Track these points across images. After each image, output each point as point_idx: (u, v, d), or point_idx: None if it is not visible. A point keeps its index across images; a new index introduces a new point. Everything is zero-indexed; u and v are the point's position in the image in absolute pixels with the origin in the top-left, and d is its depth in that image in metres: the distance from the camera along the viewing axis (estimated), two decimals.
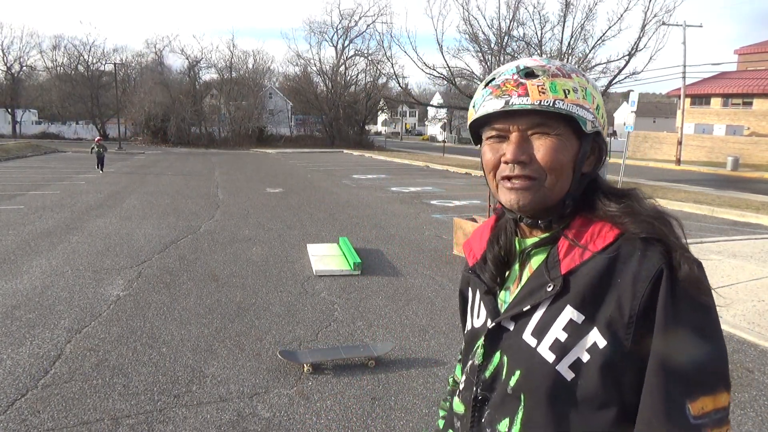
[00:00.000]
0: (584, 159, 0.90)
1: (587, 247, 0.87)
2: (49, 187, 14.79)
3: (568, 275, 0.87)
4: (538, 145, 0.87)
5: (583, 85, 0.89)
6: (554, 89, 0.86)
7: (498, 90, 0.88)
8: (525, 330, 0.89)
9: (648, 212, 0.88)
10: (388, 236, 8.85)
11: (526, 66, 0.89)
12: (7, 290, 5.66)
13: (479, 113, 0.91)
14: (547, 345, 0.86)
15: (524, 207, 0.89)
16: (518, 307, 0.91)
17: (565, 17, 19.43)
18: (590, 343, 0.83)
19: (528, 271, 0.94)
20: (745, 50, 42.04)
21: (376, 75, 46.92)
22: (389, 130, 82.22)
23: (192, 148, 40.29)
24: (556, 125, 0.87)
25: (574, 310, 0.85)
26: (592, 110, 0.88)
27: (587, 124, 0.88)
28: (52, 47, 52.63)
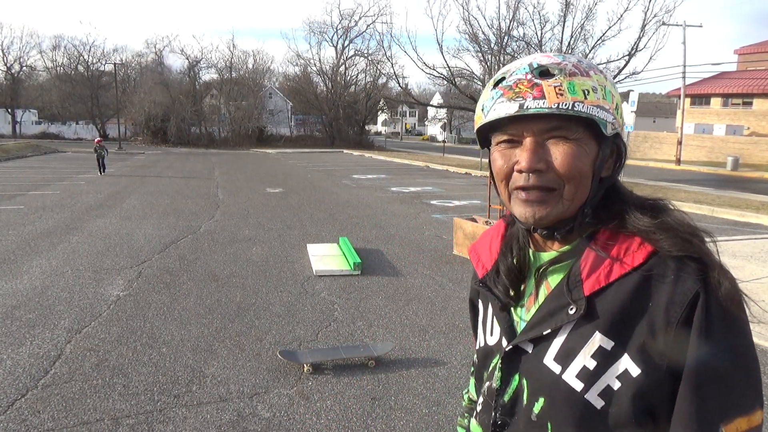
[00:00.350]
0: (603, 163, 0.83)
1: (614, 265, 0.79)
2: (49, 187, 14.79)
3: (593, 297, 0.80)
4: (555, 151, 0.80)
5: (602, 84, 0.81)
6: (573, 90, 0.78)
7: (510, 91, 0.80)
8: (546, 354, 0.83)
9: (683, 227, 0.81)
10: (388, 236, 8.85)
11: (540, 64, 0.81)
12: (7, 290, 5.66)
13: (490, 117, 0.82)
14: (573, 373, 0.80)
15: (540, 221, 0.83)
16: (537, 330, 0.84)
17: (565, 17, 19.44)
18: (621, 370, 0.77)
19: (545, 288, 0.87)
20: (745, 50, 42.06)
21: (376, 75, 46.95)
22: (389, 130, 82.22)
23: (192, 148, 40.30)
24: (575, 129, 0.80)
25: (603, 336, 0.78)
26: (612, 111, 0.81)
27: (607, 126, 0.81)
28: (52, 47, 52.73)
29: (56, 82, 51.72)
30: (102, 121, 51.31)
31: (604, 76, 0.83)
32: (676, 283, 0.76)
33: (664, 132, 39.62)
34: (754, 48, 41.45)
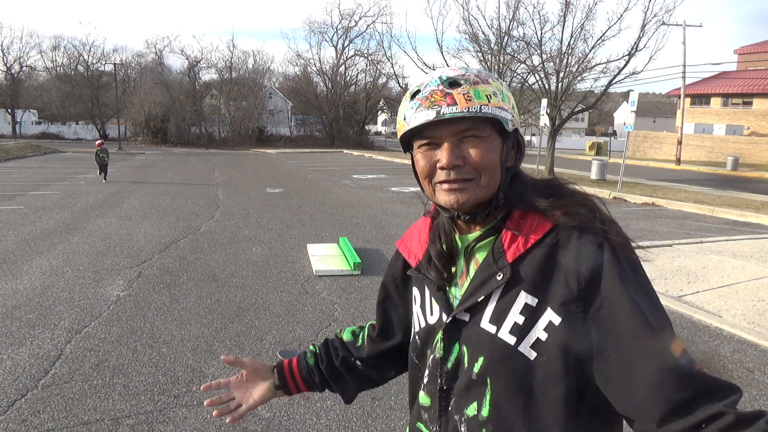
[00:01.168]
0: (508, 155, 0.97)
1: (529, 236, 0.93)
2: (49, 187, 14.79)
3: (515, 263, 0.93)
4: (469, 148, 0.93)
5: (500, 89, 0.95)
6: (478, 96, 0.92)
7: (427, 101, 0.92)
8: (482, 319, 0.95)
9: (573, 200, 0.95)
10: (388, 236, 8.85)
11: (448, 76, 0.94)
12: (7, 290, 5.66)
13: (412, 125, 0.94)
14: (507, 330, 0.92)
15: (463, 206, 0.95)
16: (472, 299, 0.96)
17: (565, 17, 19.42)
18: (546, 322, 0.89)
19: (474, 264, 0.99)
20: (745, 50, 42.04)
21: (376, 75, 46.98)
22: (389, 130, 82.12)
23: (192, 149, 40.29)
24: (483, 128, 0.93)
25: (528, 294, 0.91)
26: (509, 110, 0.95)
27: (508, 123, 0.95)
28: (52, 47, 52.58)
29: (56, 82, 51.64)
30: (102, 122, 51.25)
31: (500, 82, 0.98)
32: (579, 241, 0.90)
33: (664, 132, 39.62)
34: (754, 48, 41.43)
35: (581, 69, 19.67)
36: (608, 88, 20.03)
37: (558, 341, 0.88)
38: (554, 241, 0.92)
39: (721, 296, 5.71)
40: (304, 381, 1.28)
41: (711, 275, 6.49)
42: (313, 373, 1.28)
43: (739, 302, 5.52)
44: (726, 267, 6.86)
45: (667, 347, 0.83)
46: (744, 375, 4.00)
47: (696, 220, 11.23)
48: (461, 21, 21.86)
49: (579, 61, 19.82)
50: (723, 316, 5.14)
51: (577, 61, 19.86)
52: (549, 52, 20.80)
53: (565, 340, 0.88)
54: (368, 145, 46.37)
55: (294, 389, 1.27)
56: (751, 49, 41.51)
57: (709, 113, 38.64)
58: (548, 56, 20.42)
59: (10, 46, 61.14)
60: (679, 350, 0.83)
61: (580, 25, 19.34)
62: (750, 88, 36.11)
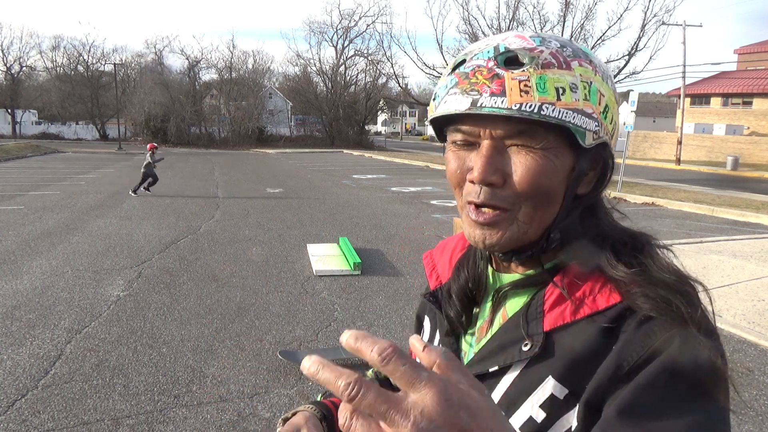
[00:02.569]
0: (580, 179, 0.68)
1: (583, 304, 0.66)
2: (49, 187, 14.79)
3: (553, 334, 0.66)
4: (516, 161, 0.65)
5: (587, 78, 0.65)
6: (542, 88, 0.63)
7: (466, 81, 0.65)
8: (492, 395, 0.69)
9: (664, 279, 0.64)
10: (388, 236, 8.85)
11: (508, 47, 0.65)
12: (8, 290, 5.66)
13: (439, 111, 0.68)
14: (518, 422, 0.66)
15: (492, 248, 0.69)
16: (483, 365, 0.71)
17: (564, 17, 19.44)
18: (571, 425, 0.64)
19: (501, 316, 0.73)
20: (745, 50, 42.05)
21: (376, 75, 46.94)
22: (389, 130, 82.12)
23: (192, 149, 40.29)
24: (543, 136, 0.64)
25: (557, 382, 0.64)
26: (596, 115, 0.65)
27: (587, 135, 0.65)
28: (52, 48, 52.57)
29: (56, 82, 51.63)
30: (102, 122, 51.26)
31: (594, 67, 0.67)
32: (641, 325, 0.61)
33: (664, 132, 39.62)
34: (754, 48, 41.44)
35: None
36: None
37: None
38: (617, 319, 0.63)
39: (721, 296, 5.71)
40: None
41: (711, 275, 6.49)
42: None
43: (739, 302, 5.52)
44: (726, 267, 6.86)
45: None
46: (744, 375, 4.00)
47: (696, 220, 11.23)
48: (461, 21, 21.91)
49: None
50: (723, 316, 5.14)
51: None
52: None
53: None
54: (368, 145, 46.35)
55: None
56: (751, 49, 41.52)
57: (709, 113, 38.65)
58: None
59: (10, 46, 61.15)
60: None
61: (580, 25, 19.38)
62: (750, 88, 36.12)
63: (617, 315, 0.63)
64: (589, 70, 0.66)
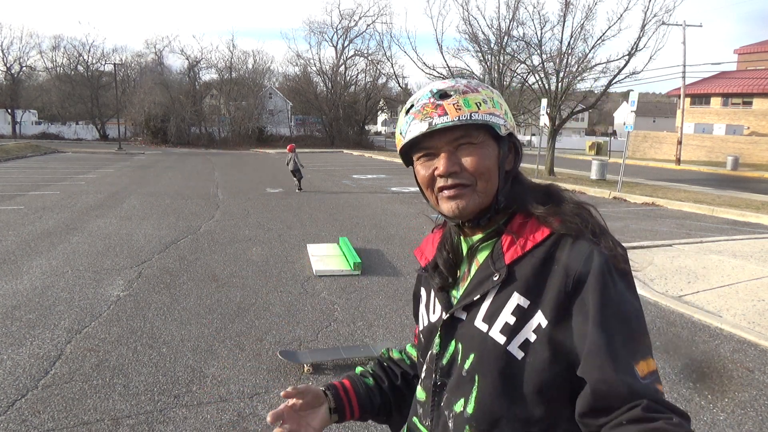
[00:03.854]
0: (505, 159, 1.01)
1: (527, 241, 0.96)
2: (49, 187, 14.79)
3: (512, 265, 0.96)
4: (464, 155, 0.97)
5: (490, 96, 0.99)
6: (468, 104, 0.96)
7: (420, 114, 0.97)
8: (476, 318, 0.97)
9: (569, 208, 0.98)
10: (388, 236, 8.85)
11: (438, 89, 0.98)
12: (7, 290, 5.66)
13: (407, 138, 0.99)
14: (497, 329, 0.94)
15: (464, 211, 0.98)
16: (469, 298, 0.99)
17: (564, 17, 19.42)
18: (535, 324, 0.92)
19: (475, 265, 1.03)
20: (745, 50, 42.03)
21: (376, 75, 46.96)
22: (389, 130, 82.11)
23: (192, 149, 40.29)
24: (477, 134, 0.97)
25: (521, 296, 0.94)
26: (502, 116, 0.99)
27: (501, 128, 0.98)
28: (52, 48, 52.40)
29: (56, 82, 51.56)
30: (102, 122, 51.23)
31: (491, 90, 1.02)
32: (572, 248, 0.93)
33: (664, 132, 39.62)
34: (754, 48, 41.42)
35: (581, 69, 19.69)
36: (608, 88, 20.03)
37: (545, 343, 0.91)
38: (551, 247, 0.95)
39: (721, 296, 5.71)
40: (360, 404, 1.16)
41: (711, 275, 6.49)
42: (373, 394, 1.18)
43: (739, 302, 5.52)
44: (726, 267, 6.86)
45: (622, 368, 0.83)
46: (744, 375, 4.00)
47: (696, 219, 11.23)
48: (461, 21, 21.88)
49: (579, 61, 19.83)
50: (723, 316, 5.14)
51: (577, 61, 19.87)
52: (549, 52, 20.80)
53: (551, 342, 0.90)
54: (368, 145, 46.36)
55: (349, 414, 1.14)
56: (751, 49, 41.50)
57: (709, 113, 38.63)
58: (548, 56, 20.42)
59: (10, 46, 60.92)
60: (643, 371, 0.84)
61: (580, 25, 19.35)
62: (750, 87, 36.10)
63: (552, 243, 0.95)
64: (489, 92, 1.01)
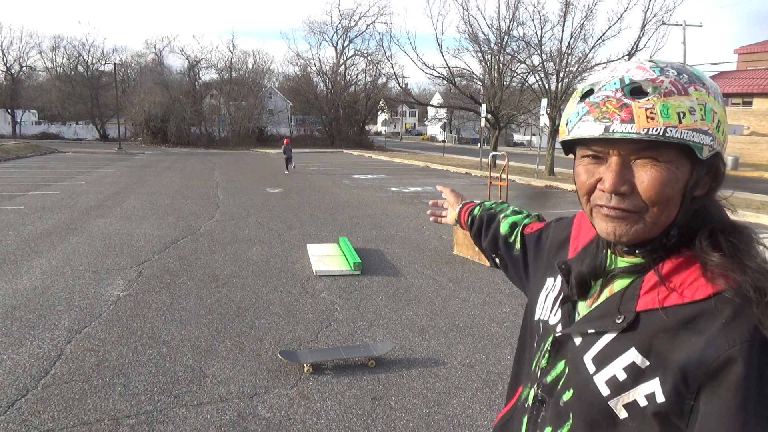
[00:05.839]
0: (696, 186, 0.79)
1: (673, 293, 0.78)
2: (49, 187, 14.79)
3: (642, 314, 0.80)
4: (641, 174, 0.77)
5: (702, 101, 0.76)
6: (666, 114, 0.74)
7: (597, 110, 0.77)
8: (588, 351, 0.85)
9: (754, 268, 0.74)
10: (388, 236, 8.85)
11: (632, 80, 0.77)
12: (7, 290, 5.66)
13: (573, 135, 0.81)
14: (603, 378, 0.81)
15: (621, 238, 0.81)
16: (584, 327, 0.87)
17: (564, 17, 19.44)
18: (650, 391, 0.76)
19: (608, 291, 0.88)
20: (745, 50, 42.06)
21: (376, 75, 46.96)
22: (389, 130, 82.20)
23: (192, 149, 40.30)
24: (666, 152, 0.76)
25: (638, 353, 0.78)
26: (711, 131, 0.76)
27: (704, 149, 0.76)
28: (52, 48, 52.50)
29: (56, 82, 51.59)
30: (102, 122, 51.25)
31: (707, 89, 0.77)
32: (726, 326, 0.71)
33: None
34: (754, 47, 41.45)
35: (581, 69, 19.70)
36: None
37: (657, 415, 0.76)
38: (698, 314, 0.75)
39: None
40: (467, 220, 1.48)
41: None
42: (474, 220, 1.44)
43: None
44: None
45: None
46: None
47: None
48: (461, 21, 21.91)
49: (579, 61, 19.85)
50: None
51: (577, 61, 19.89)
52: (549, 52, 20.83)
53: (664, 417, 0.75)
54: (368, 145, 46.38)
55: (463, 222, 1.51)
56: (751, 49, 41.53)
57: None
58: (548, 56, 20.44)
59: (10, 46, 61.11)
60: None
61: (580, 25, 19.38)
62: (750, 87, 36.12)
63: (702, 308, 0.74)
64: (703, 93, 0.77)
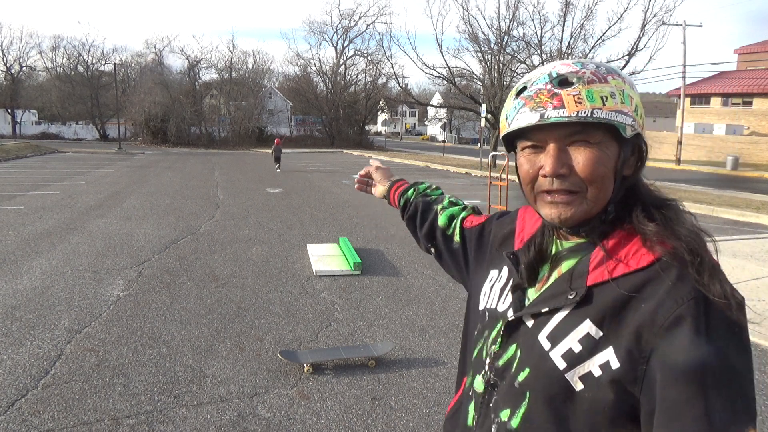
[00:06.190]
0: (625, 163, 0.87)
1: (619, 265, 0.84)
2: (49, 187, 14.78)
3: (593, 288, 0.85)
4: (577, 155, 0.85)
5: (621, 88, 0.85)
6: (591, 98, 0.83)
7: (531, 101, 0.85)
8: (542, 331, 0.89)
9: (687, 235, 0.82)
10: (388, 236, 8.85)
11: (559, 73, 0.86)
12: (7, 290, 5.66)
13: (513, 126, 0.88)
14: (560, 352, 0.85)
15: (566, 221, 0.88)
16: (538, 307, 0.90)
17: (564, 17, 19.45)
18: (604, 360, 0.81)
19: (557, 273, 0.93)
20: (745, 50, 42.05)
21: (376, 75, 46.95)
22: (389, 130, 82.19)
23: (192, 149, 40.29)
24: (595, 133, 0.84)
25: (593, 325, 0.83)
26: (631, 113, 0.85)
27: (627, 129, 0.84)
28: (52, 48, 52.48)
29: (56, 82, 51.58)
30: (102, 122, 51.24)
31: (623, 79, 0.87)
32: (671, 289, 0.78)
33: (664, 132, 39.61)
34: (754, 47, 41.44)
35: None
36: None
37: (610, 384, 0.80)
38: (644, 279, 0.81)
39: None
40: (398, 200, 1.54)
41: None
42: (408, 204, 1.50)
43: None
44: (726, 267, 6.80)
45: None
46: None
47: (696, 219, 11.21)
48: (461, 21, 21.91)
49: None
50: None
51: None
52: (549, 52, 20.83)
53: (618, 387, 0.79)
54: (368, 145, 46.38)
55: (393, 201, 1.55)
56: (751, 49, 41.52)
57: (709, 113, 38.64)
58: (548, 56, 20.44)
59: (10, 46, 61.02)
60: None
61: (579, 25, 19.40)
62: (750, 87, 36.12)
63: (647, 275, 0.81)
64: (620, 81, 0.86)
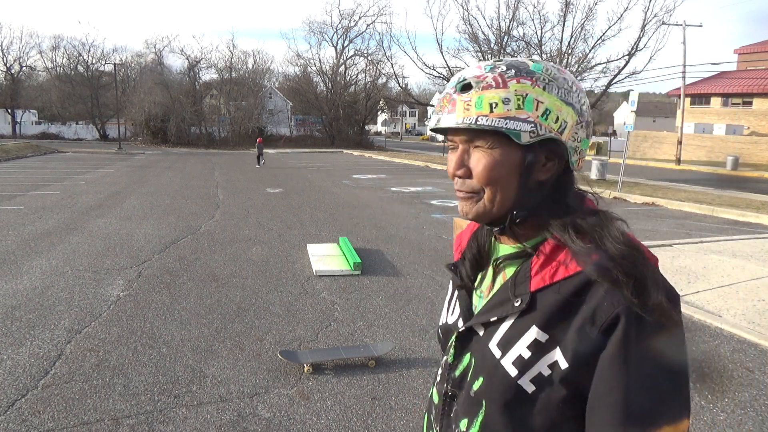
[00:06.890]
0: (532, 169, 0.86)
1: (558, 270, 0.85)
2: (49, 187, 14.79)
3: (537, 293, 0.86)
4: (473, 159, 0.88)
5: (522, 93, 0.83)
6: (479, 105, 0.84)
7: (438, 104, 0.89)
8: (492, 339, 0.90)
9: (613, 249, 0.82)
10: (388, 236, 8.85)
11: (465, 77, 0.86)
12: (7, 290, 5.66)
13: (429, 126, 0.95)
14: (510, 360, 0.86)
15: (468, 215, 0.91)
16: (486, 316, 0.92)
17: (565, 17, 19.45)
18: (552, 361, 0.83)
19: (502, 278, 0.94)
20: (745, 50, 42.04)
21: (376, 75, 46.95)
22: (389, 130, 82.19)
23: (192, 149, 40.29)
24: (486, 139, 0.85)
25: (539, 330, 0.85)
26: (532, 119, 0.83)
27: (522, 135, 0.83)
28: (52, 48, 52.57)
29: (56, 82, 51.63)
30: (102, 122, 51.25)
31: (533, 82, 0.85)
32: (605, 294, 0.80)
33: (664, 132, 39.62)
34: (754, 48, 41.43)
35: (581, 69, 19.73)
36: (608, 88, 20.08)
37: (560, 382, 0.83)
38: (581, 285, 0.83)
39: (721, 296, 5.71)
40: None
41: (711, 275, 6.49)
42: None
43: (739, 302, 5.52)
44: (726, 267, 6.86)
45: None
46: (744, 375, 4.00)
47: (696, 219, 11.22)
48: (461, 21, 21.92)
49: (579, 61, 19.87)
50: (723, 316, 5.14)
51: (577, 61, 19.92)
52: (549, 52, 20.84)
53: (569, 385, 0.83)
54: (368, 145, 46.36)
55: None
56: (751, 49, 41.51)
57: (709, 113, 38.63)
58: (548, 56, 20.45)
59: (10, 46, 61.16)
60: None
61: (580, 25, 19.40)
62: (750, 87, 36.12)
63: (581, 281, 0.82)
64: (527, 85, 0.84)
